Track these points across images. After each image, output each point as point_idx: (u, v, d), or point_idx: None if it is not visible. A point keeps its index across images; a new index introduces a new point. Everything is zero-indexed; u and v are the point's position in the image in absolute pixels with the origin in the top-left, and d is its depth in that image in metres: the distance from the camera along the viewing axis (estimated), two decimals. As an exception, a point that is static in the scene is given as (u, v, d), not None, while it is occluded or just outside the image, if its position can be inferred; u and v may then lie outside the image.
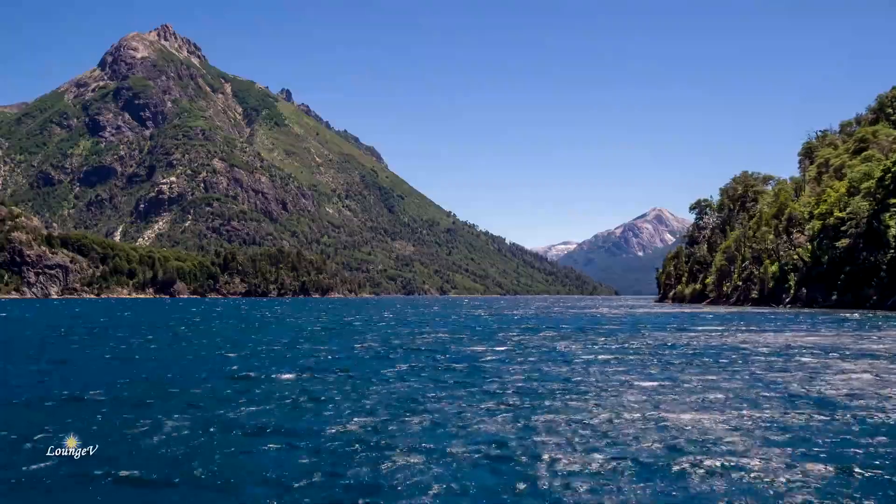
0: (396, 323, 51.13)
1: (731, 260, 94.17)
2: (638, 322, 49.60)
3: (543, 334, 36.39)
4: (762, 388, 16.21)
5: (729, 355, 23.93)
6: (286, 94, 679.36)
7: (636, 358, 23.26)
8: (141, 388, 16.65)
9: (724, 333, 35.51)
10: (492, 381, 17.44)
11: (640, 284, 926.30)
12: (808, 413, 13.20)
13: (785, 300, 78.08)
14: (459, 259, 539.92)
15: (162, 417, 12.90)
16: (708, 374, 18.67)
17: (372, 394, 15.67)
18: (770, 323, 45.55)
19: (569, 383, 17.15)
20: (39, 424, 12.33)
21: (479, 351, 26.43)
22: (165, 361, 23.00)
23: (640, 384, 16.95)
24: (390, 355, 24.83)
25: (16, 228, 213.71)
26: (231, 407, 14.08)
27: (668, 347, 27.45)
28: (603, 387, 16.58)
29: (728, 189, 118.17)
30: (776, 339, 30.80)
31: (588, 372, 19.46)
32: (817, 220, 74.15)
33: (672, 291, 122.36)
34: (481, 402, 14.39)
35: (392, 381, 17.82)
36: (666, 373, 19.19)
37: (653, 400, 14.70)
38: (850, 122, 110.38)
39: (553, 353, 25.58)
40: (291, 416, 13.26)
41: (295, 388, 16.64)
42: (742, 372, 19.22)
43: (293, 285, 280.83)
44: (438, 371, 19.94)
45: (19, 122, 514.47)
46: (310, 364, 21.76)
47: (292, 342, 31.47)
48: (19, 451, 10.70)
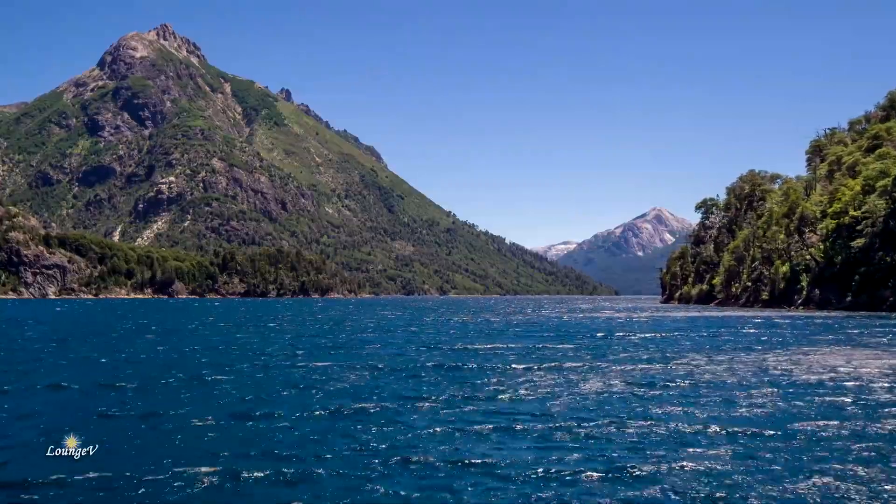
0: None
1: (740, 260, 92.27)
2: (664, 329, 45.07)
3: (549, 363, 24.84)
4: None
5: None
6: (286, 94, 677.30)
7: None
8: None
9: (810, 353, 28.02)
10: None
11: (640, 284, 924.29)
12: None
13: (797, 301, 76.20)
14: (459, 259, 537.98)
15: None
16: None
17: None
18: (825, 334, 38.48)
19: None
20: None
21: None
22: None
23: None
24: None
25: (13, 228, 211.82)
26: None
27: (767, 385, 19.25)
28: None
29: (735, 188, 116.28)
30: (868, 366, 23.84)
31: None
32: (831, 219, 72.30)
33: (678, 292, 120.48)
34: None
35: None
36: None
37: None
38: (859, 120, 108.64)
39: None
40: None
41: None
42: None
43: (292, 285, 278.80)
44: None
45: (18, 121, 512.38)
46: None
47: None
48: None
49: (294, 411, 15.08)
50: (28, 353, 28.79)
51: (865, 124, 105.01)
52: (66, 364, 24.56)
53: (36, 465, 10.82)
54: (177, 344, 33.83)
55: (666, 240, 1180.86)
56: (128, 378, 20.57)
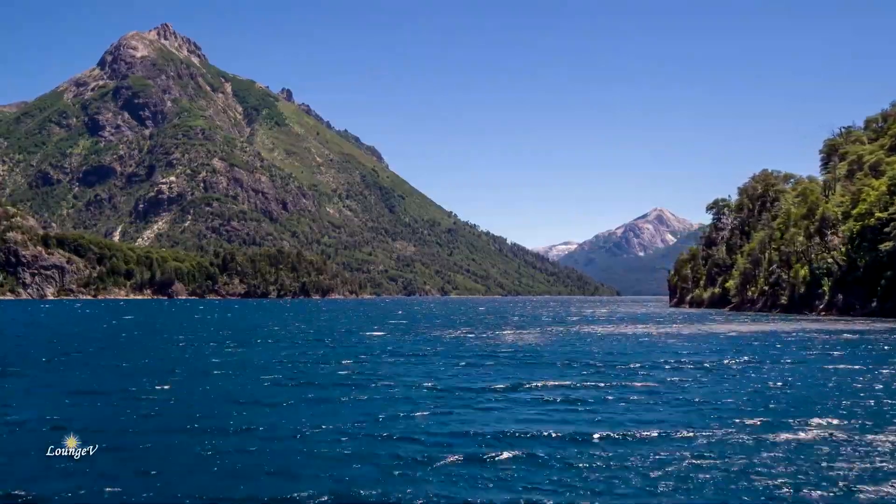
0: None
1: (756, 263, 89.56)
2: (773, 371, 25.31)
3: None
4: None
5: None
6: (287, 94, 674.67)
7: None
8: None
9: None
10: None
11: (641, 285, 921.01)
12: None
13: (818, 307, 73.50)
14: (460, 259, 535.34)
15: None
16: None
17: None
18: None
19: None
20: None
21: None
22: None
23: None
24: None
25: (11, 228, 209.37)
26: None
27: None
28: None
29: (747, 188, 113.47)
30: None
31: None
32: (854, 220, 69.60)
33: (689, 295, 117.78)
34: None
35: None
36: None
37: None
38: (875, 118, 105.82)
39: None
40: None
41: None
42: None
43: (293, 286, 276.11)
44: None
45: (18, 121, 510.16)
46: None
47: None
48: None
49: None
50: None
51: (882, 122, 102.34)
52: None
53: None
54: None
55: (667, 240, 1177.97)
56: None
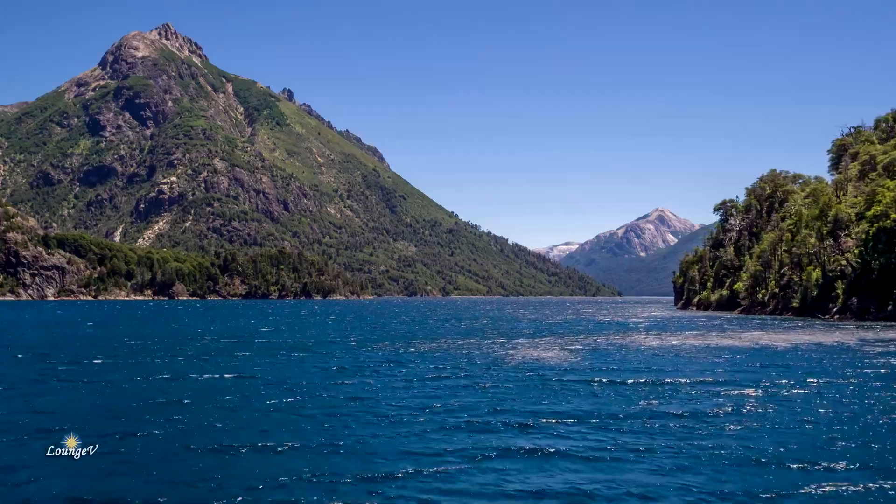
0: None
1: (767, 265, 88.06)
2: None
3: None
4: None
5: None
6: (288, 94, 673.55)
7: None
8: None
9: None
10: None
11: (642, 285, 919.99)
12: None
13: (832, 310, 71.99)
14: (462, 260, 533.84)
15: None
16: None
17: None
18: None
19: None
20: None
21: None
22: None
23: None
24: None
25: (11, 229, 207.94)
26: None
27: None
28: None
29: (755, 189, 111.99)
30: None
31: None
32: (869, 222, 68.16)
33: (696, 297, 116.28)
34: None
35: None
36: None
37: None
38: (886, 118, 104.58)
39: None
40: None
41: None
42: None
43: (294, 287, 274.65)
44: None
45: (19, 121, 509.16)
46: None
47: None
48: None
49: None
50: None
51: (893, 122, 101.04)
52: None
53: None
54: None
55: (668, 241, 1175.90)
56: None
